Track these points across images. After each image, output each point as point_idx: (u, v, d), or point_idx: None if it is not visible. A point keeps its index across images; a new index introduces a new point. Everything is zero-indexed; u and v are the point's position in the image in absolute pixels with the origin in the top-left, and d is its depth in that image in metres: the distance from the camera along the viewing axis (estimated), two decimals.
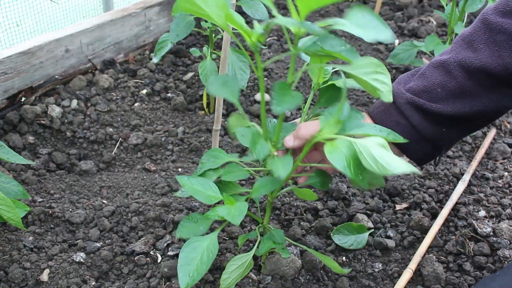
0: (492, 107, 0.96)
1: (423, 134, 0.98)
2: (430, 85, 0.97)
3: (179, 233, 0.97)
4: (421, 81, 0.98)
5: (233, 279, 1.02)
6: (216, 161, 1.01)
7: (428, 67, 1.00)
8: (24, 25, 1.96)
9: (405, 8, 2.43)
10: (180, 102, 1.70)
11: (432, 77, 0.98)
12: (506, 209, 1.35)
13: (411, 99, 0.97)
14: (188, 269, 0.90)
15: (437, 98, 0.96)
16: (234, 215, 0.88)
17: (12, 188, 1.16)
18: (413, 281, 1.16)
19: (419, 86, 0.98)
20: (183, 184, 0.95)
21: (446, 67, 0.97)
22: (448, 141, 1.03)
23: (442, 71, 0.97)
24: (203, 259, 0.91)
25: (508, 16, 0.93)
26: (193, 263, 0.90)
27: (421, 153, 1.02)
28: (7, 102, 1.59)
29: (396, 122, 0.98)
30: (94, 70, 1.83)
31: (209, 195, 0.95)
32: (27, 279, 1.12)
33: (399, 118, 0.98)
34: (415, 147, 1.00)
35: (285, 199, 1.35)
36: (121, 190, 1.40)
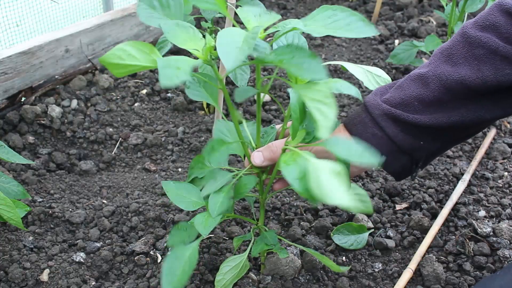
0: (470, 118, 0.95)
1: (400, 146, 0.96)
2: (406, 97, 0.96)
3: (170, 241, 0.97)
4: (398, 93, 0.97)
5: (227, 280, 1.02)
6: (204, 167, 1.00)
7: (406, 79, 0.98)
8: (24, 25, 1.96)
9: (405, 8, 2.43)
10: (180, 102, 1.70)
11: (409, 89, 0.96)
12: (506, 209, 1.35)
13: (387, 110, 0.95)
14: (171, 279, 0.89)
15: (414, 111, 0.95)
16: (206, 225, 0.88)
17: (12, 188, 1.16)
18: (413, 281, 1.16)
19: (395, 98, 0.96)
20: (167, 190, 0.96)
21: (424, 80, 0.96)
22: (427, 154, 1.00)
23: (420, 84, 0.96)
24: (185, 268, 0.90)
25: (487, 30, 0.92)
26: (176, 273, 0.90)
27: (397, 166, 1.00)
28: (7, 102, 1.59)
29: (371, 134, 0.96)
30: (94, 70, 1.83)
31: (192, 201, 0.95)
32: (27, 279, 1.12)
33: (374, 130, 0.96)
34: (392, 159, 0.98)
35: (285, 199, 1.35)
36: (121, 190, 1.40)
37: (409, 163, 1.00)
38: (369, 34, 0.77)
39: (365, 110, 0.97)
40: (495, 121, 1.12)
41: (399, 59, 1.73)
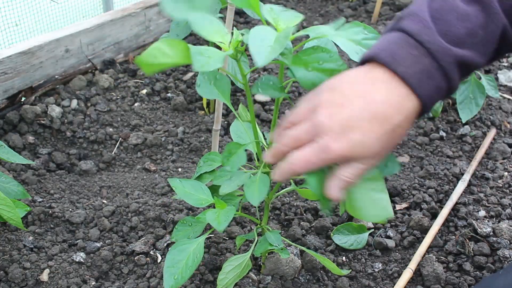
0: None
1: (451, 94, 0.78)
2: (472, 26, 0.75)
3: (174, 236, 0.98)
4: (460, 22, 0.75)
5: (230, 279, 1.02)
6: (213, 164, 1.01)
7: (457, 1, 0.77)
8: (23, 24, 1.96)
9: (405, 8, 2.43)
10: (180, 102, 1.70)
11: (471, 15, 0.75)
12: (506, 209, 1.35)
13: (460, 57, 0.74)
14: (174, 271, 0.90)
15: (480, 43, 0.76)
16: (220, 221, 0.86)
17: (12, 188, 1.16)
18: (413, 281, 1.16)
19: (460, 29, 0.75)
20: (175, 187, 0.96)
21: (482, 2, 0.76)
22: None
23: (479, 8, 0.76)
24: (188, 262, 0.91)
25: None
26: (178, 266, 0.91)
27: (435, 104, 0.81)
28: (7, 102, 1.59)
29: (436, 86, 0.74)
30: (94, 70, 1.83)
31: (200, 198, 0.95)
32: (27, 279, 1.12)
33: (441, 82, 0.74)
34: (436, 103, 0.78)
35: (285, 199, 1.35)
36: (121, 190, 1.40)
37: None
38: None
39: (428, 54, 0.73)
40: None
41: None
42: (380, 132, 0.72)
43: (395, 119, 0.72)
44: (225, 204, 0.92)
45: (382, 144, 0.73)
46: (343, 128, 0.71)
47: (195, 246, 0.93)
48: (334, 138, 0.72)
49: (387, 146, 0.74)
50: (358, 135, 0.71)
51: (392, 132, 0.73)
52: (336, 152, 0.72)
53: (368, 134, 0.71)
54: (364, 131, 0.71)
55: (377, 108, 0.71)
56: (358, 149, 0.72)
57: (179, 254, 0.92)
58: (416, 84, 0.72)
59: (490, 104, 1.79)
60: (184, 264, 0.91)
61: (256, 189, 0.82)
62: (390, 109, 0.71)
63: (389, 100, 0.72)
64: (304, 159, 0.75)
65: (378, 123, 0.71)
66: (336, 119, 0.72)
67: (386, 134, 0.72)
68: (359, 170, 0.75)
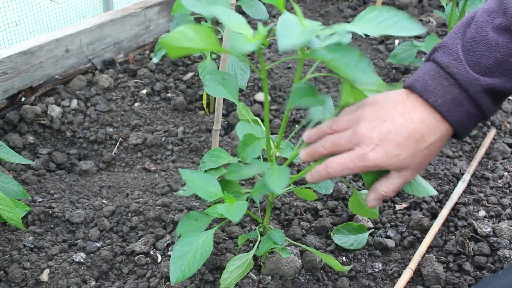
0: None
1: (486, 117, 0.85)
2: (501, 56, 0.80)
3: (179, 230, 0.97)
4: (489, 52, 0.81)
5: (233, 279, 1.02)
6: (218, 160, 1.00)
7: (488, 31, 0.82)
8: (23, 24, 1.96)
9: (405, 8, 2.43)
10: (180, 102, 1.70)
11: (501, 45, 0.80)
12: (506, 209, 1.35)
13: (488, 85, 0.81)
14: (180, 262, 0.89)
15: (510, 71, 0.81)
16: (234, 213, 0.87)
17: (12, 188, 1.16)
18: (413, 281, 1.16)
19: (489, 60, 0.81)
20: (186, 178, 0.94)
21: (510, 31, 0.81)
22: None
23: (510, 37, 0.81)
24: (196, 255, 0.89)
25: None
26: (185, 258, 0.89)
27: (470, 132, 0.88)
28: (7, 102, 1.59)
29: (466, 113, 0.82)
30: (94, 70, 1.83)
31: (210, 191, 0.94)
32: (27, 279, 1.12)
33: (470, 108, 0.82)
34: (471, 129, 0.86)
35: (285, 199, 1.35)
36: (121, 190, 1.40)
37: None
38: (417, 32, 0.77)
39: (457, 85, 0.81)
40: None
41: (399, 59, 1.73)
42: (415, 149, 0.80)
43: (429, 138, 0.81)
44: (235, 199, 0.92)
45: (416, 160, 0.82)
46: (382, 140, 0.80)
47: (204, 239, 0.91)
48: (372, 148, 0.80)
49: (421, 162, 0.83)
50: (395, 149, 0.80)
51: (425, 150, 0.81)
52: (372, 161, 0.81)
53: (404, 149, 0.80)
54: (400, 146, 0.80)
55: (415, 128, 0.80)
56: (393, 161, 0.81)
57: (187, 245, 0.90)
58: (446, 112, 0.80)
59: None
60: (192, 256, 0.89)
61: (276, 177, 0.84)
62: (425, 129, 0.80)
63: (425, 121, 0.81)
64: (341, 164, 0.83)
65: (414, 141, 0.80)
66: (376, 132, 0.80)
67: (420, 151, 0.81)
68: (396, 184, 0.85)
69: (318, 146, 0.88)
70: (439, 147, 0.83)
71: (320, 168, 0.86)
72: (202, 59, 1.87)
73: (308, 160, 0.89)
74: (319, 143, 0.87)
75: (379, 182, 0.87)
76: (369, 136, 0.81)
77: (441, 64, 0.82)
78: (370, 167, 0.82)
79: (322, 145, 0.87)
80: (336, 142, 0.85)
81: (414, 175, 0.85)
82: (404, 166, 0.82)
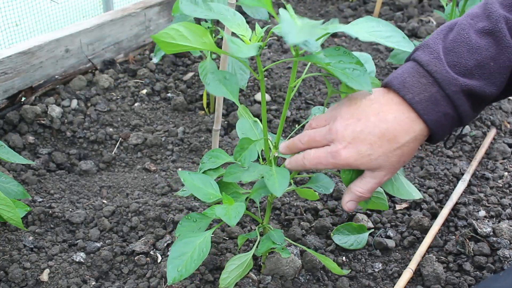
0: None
1: (463, 121, 0.83)
2: (482, 58, 0.80)
3: (178, 232, 0.97)
4: (470, 54, 0.80)
5: (232, 278, 1.02)
6: (217, 161, 1.00)
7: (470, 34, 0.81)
8: (23, 24, 1.96)
9: (405, 8, 2.43)
10: (180, 102, 1.70)
11: (482, 48, 0.80)
12: (506, 209, 1.35)
13: (466, 86, 0.79)
14: (178, 263, 0.89)
15: (490, 75, 0.80)
16: (231, 216, 0.87)
17: (12, 188, 1.16)
18: (413, 281, 1.16)
19: (469, 61, 0.80)
20: (184, 179, 0.94)
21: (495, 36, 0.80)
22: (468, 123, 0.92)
23: (491, 41, 0.80)
24: (193, 255, 0.90)
25: None
26: (183, 258, 0.89)
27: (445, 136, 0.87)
28: (7, 102, 1.59)
29: (443, 113, 0.80)
30: (94, 70, 1.83)
31: (208, 193, 0.94)
32: (27, 279, 1.12)
33: (447, 109, 0.80)
34: (447, 133, 0.85)
35: (285, 199, 1.35)
36: (121, 190, 1.40)
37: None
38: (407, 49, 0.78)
39: (435, 83, 0.80)
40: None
41: (399, 59, 1.73)
42: (387, 149, 0.80)
43: (402, 139, 0.80)
44: (233, 201, 0.92)
45: (389, 160, 0.81)
46: (354, 139, 0.80)
47: (202, 240, 0.92)
48: (345, 146, 0.81)
49: (394, 162, 0.82)
50: (367, 148, 0.80)
51: (398, 150, 0.81)
52: (343, 159, 0.81)
53: (376, 149, 0.80)
54: (372, 146, 0.80)
55: (388, 127, 0.80)
56: (365, 160, 0.81)
57: (185, 246, 0.91)
58: (422, 110, 0.79)
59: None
60: (189, 257, 0.90)
61: (276, 180, 0.84)
62: (398, 129, 0.80)
63: (399, 121, 0.80)
64: (316, 158, 0.85)
65: (386, 140, 0.80)
66: (350, 130, 0.81)
67: (393, 151, 0.81)
68: (370, 184, 0.85)
69: (296, 140, 0.90)
70: (413, 148, 0.82)
71: (299, 157, 0.88)
72: (202, 59, 1.87)
73: (287, 153, 0.92)
74: (297, 137, 0.90)
75: (354, 183, 0.87)
76: (342, 134, 0.81)
77: (421, 62, 0.81)
78: (342, 165, 0.83)
79: (299, 140, 0.89)
80: (312, 137, 0.86)
81: (389, 175, 0.84)
82: (377, 166, 0.82)
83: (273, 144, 0.95)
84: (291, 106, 1.73)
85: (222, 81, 0.95)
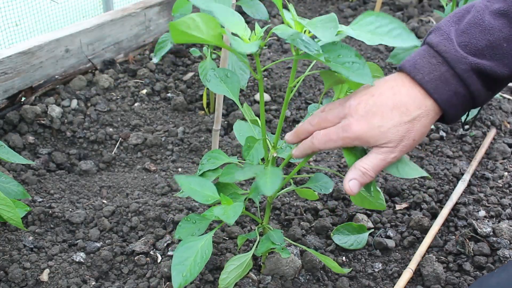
0: None
1: (476, 101, 0.83)
2: (494, 39, 0.80)
3: (178, 234, 0.98)
4: (482, 35, 0.80)
5: (231, 279, 1.02)
6: (216, 162, 1.00)
7: (482, 15, 0.82)
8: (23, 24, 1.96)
9: (405, 8, 2.43)
10: (180, 102, 1.70)
11: (495, 29, 0.80)
12: (506, 209, 1.35)
13: (476, 64, 0.80)
14: (182, 268, 0.90)
15: (502, 55, 0.80)
16: (229, 215, 0.87)
17: (12, 188, 1.16)
18: (413, 281, 1.16)
19: (480, 41, 0.80)
20: (181, 183, 0.95)
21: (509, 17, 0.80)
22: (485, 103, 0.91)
23: (506, 22, 0.80)
24: (196, 259, 0.90)
25: None
26: (186, 263, 0.90)
27: (459, 117, 0.87)
28: (7, 102, 1.59)
29: (454, 92, 0.81)
30: (94, 70, 1.83)
31: (206, 195, 0.95)
32: (27, 279, 1.12)
33: (458, 87, 0.81)
34: (461, 114, 0.85)
35: (285, 199, 1.35)
36: (121, 190, 1.40)
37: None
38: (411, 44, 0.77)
39: (445, 62, 0.81)
40: None
41: (399, 59, 1.72)
42: (398, 121, 0.80)
43: (414, 112, 0.80)
44: (231, 201, 0.92)
45: (398, 134, 0.80)
46: (367, 112, 0.80)
47: (203, 243, 0.92)
48: (357, 119, 0.81)
49: (402, 138, 0.81)
50: (378, 120, 0.80)
51: (409, 124, 0.80)
52: (354, 131, 0.81)
53: (386, 121, 0.80)
54: (384, 117, 0.80)
55: (401, 99, 0.80)
56: (374, 133, 0.80)
57: (187, 251, 0.91)
58: (432, 89, 0.80)
59: (490, 104, 1.79)
60: (192, 261, 0.90)
61: (268, 179, 0.84)
62: (410, 102, 0.80)
63: (411, 94, 0.81)
64: (326, 134, 0.84)
65: (398, 112, 0.80)
66: (363, 104, 0.81)
67: (403, 124, 0.80)
68: (376, 161, 0.83)
69: (305, 124, 0.88)
70: (424, 125, 0.82)
71: (307, 140, 0.87)
72: (202, 59, 1.87)
73: (294, 140, 0.91)
74: (307, 121, 0.88)
75: (359, 159, 0.84)
76: (355, 108, 0.81)
77: (431, 44, 0.82)
78: (352, 138, 0.82)
79: (309, 122, 0.88)
80: (324, 117, 0.86)
81: (396, 154, 0.83)
82: (385, 141, 0.81)
83: (271, 144, 0.95)
84: (291, 106, 1.73)
85: (223, 79, 0.95)
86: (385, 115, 0.80)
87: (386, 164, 0.83)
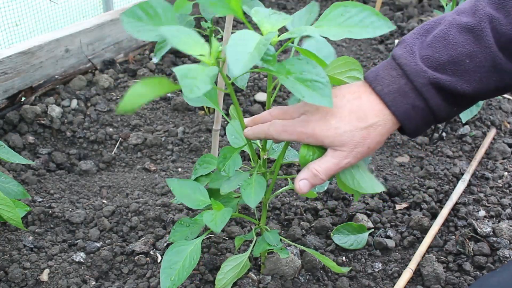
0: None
1: (437, 117, 0.83)
2: (457, 54, 0.79)
3: (172, 237, 0.98)
4: (446, 49, 0.80)
5: (228, 279, 1.02)
6: (209, 166, 1.00)
7: (448, 29, 0.81)
8: (23, 24, 1.96)
9: (405, 8, 2.43)
10: (180, 102, 1.70)
11: (459, 44, 0.80)
12: (506, 209, 1.35)
13: (434, 79, 0.79)
14: (171, 272, 0.90)
15: (464, 71, 0.80)
16: (217, 223, 0.87)
17: (12, 188, 1.16)
18: (413, 281, 1.16)
19: (442, 56, 0.80)
20: (172, 188, 0.95)
21: (475, 33, 0.80)
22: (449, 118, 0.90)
23: (471, 38, 0.80)
24: (185, 264, 0.91)
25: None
26: (175, 267, 0.91)
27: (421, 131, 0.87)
28: (7, 102, 1.59)
29: (412, 105, 0.81)
30: (94, 70, 1.83)
31: (198, 199, 0.95)
32: (27, 279, 1.12)
33: (416, 101, 0.81)
34: (421, 128, 0.85)
35: (285, 199, 1.35)
36: (121, 190, 1.40)
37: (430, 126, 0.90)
38: (385, 31, 0.75)
39: (404, 75, 0.81)
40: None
41: None
42: (355, 126, 0.81)
43: (371, 119, 0.81)
44: (222, 206, 0.92)
45: (353, 139, 0.81)
46: (326, 112, 0.81)
47: (192, 248, 0.93)
48: (316, 117, 0.82)
49: (357, 144, 0.81)
50: (335, 121, 0.81)
51: (365, 130, 0.81)
52: (311, 128, 0.81)
53: (344, 124, 0.81)
54: (342, 120, 0.81)
55: (360, 104, 0.81)
56: (331, 133, 0.81)
57: (176, 255, 0.92)
58: (390, 102, 0.81)
59: (490, 104, 1.79)
60: (181, 266, 0.91)
61: (252, 191, 0.84)
62: (369, 109, 0.81)
63: (371, 102, 0.82)
64: (283, 125, 0.84)
65: (356, 117, 0.81)
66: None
67: (360, 130, 0.81)
68: (329, 164, 0.83)
69: (264, 113, 0.89)
70: (381, 134, 0.82)
71: (264, 125, 0.87)
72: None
73: (250, 124, 0.90)
74: (268, 111, 0.89)
75: (313, 161, 0.85)
76: (316, 107, 0.81)
77: (394, 56, 0.83)
78: (307, 135, 0.82)
79: (269, 112, 0.88)
80: (285, 110, 0.87)
81: (350, 160, 0.82)
82: (340, 143, 0.81)
83: (260, 147, 0.95)
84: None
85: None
86: (343, 117, 0.81)
87: (338, 169, 0.83)
